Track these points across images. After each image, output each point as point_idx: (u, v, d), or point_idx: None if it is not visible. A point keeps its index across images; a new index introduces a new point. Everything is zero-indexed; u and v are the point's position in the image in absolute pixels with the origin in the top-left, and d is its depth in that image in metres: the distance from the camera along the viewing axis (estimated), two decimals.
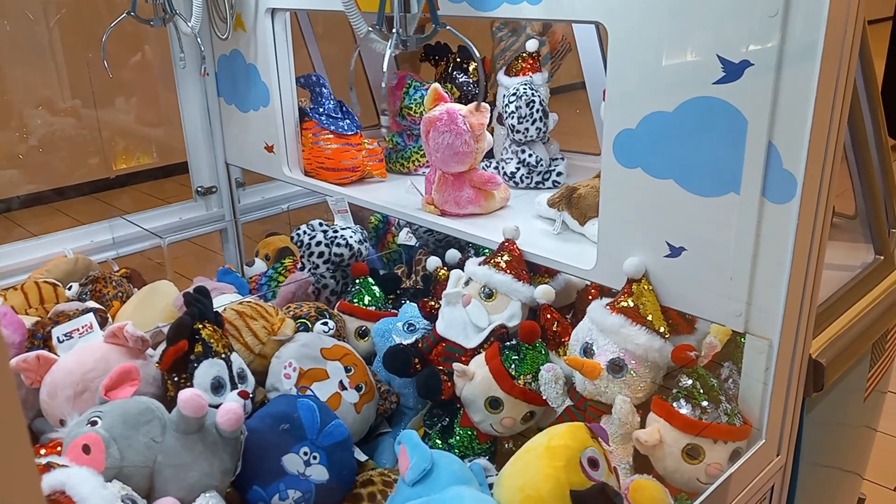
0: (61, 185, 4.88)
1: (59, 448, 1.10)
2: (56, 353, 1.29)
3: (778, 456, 1.13)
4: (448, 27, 1.41)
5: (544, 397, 1.27)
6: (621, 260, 1.25)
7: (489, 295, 1.40)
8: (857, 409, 1.49)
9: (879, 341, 1.40)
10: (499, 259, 1.41)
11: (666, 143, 1.15)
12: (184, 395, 1.06)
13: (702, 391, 1.12)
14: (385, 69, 1.42)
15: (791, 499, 1.19)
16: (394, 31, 1.38)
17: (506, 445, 1.36)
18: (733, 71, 1.05)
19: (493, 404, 1.29)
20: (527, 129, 1.80)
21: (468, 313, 1.42)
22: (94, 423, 1.05)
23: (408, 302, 1.61)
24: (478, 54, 1.55)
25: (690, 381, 1.13)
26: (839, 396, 1.33)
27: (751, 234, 1.09)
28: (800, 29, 0.98)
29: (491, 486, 1.17)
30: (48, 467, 0.93)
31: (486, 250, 1.72)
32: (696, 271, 1.17)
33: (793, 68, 0.99)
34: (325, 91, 1.93)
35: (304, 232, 1.70)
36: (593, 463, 1.04)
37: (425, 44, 1.63)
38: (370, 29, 1.43)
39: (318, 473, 1.16)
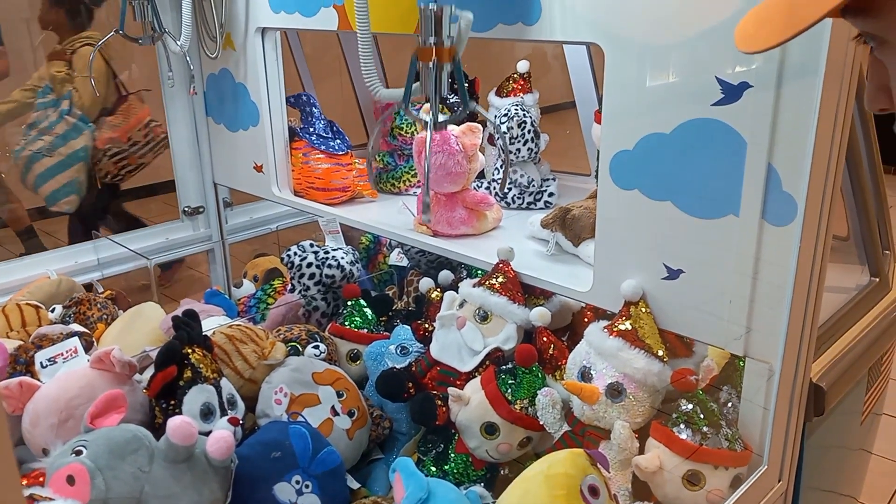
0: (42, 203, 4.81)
1: (41, 479, 1.06)
2: (39, 379, 1.25)
3: (780, 482, 1.11)
4: (476, 107, 1.38)
5: (541, 422, 1.25)
6: (618, 282, 1.23)
7: (484, 317, 1.38)
8: (854, 432, 1.48)
9: (876, 364, 1.39)
10: (494, 281, 1.39)
11: (663, 164, 1.14)
12: (173, 422, 1.03)
13: (702, 416, 1.10)
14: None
15: None
16: (430, 118, 1.30)
17: (502, 472, 1.33)
18: (732, 92, 1.04)
19: (489, 430, 1.27)
20: (518, 149, 1.79)
21: (463, 336, 1.40)
22: (78, 453, 1.01)
23: (400, 324, 1.58)
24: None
25: (690, 406, 1.11)
26: (837, 420, 1.31)
27: (750, 257, 1.08)
28: (799, 49, 0.97)
29: None
30: (31, 500, 0.90)
31: (479, 271, 1.70)
32: (695, 294, 1.16)
33: (793, 89, 0.99)
34: (315, 111, 1.91)
35: (295, 253, 1.67)
36: (594, 491, 1.02)
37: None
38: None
39: (311, 502, 1.13)
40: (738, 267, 1.10)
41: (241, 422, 1.22)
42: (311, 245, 1.69)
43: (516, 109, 1.79)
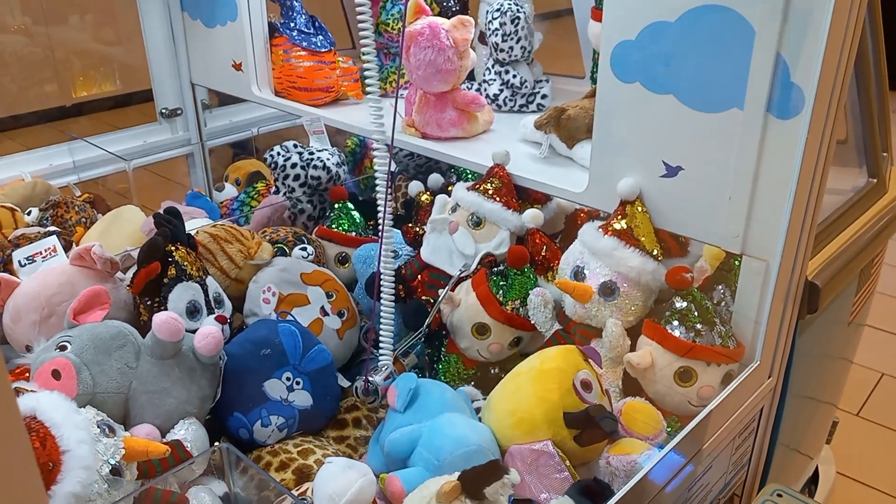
0: (13, 112, 4.62)
1: (26, 375, 1.04)
2: (18, 278, 1.21)
3: (769, 378, 1.12)
4: None
5: (532, 322, 1.24)
6: (614, 181, 1.20)
7: (478, 223, 1.35)
8: (840, 337, 1.49)
9: (867, 267, 1.39)
10: (488, 186, 1.35)
11: (666, 55, 1.09)
12: (159, 318, 1.00)
13: (696, 313, 1.09)
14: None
15: (777, 421, 1.19)
16: None
17: (491, 371, 1.33)
18: None
19: (480, 330, 1.26)
20: (511, 47, 1.72)
21: (455, 241, 1.37)
22: (63, 348, 0.99)
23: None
24: None
25: (685, 304, 1.10)
26: (827, 320, 1.32)
27: (753, 152, 1.05)
28: None
29: (478, 411, 1.15)
30: (16, 393, 0.88)
31: (469, 174, 1.67)
32: (693, 191, 1.13)
33: None
34: (296, 4, 1.81)
35: (279, 153, 1.61)
36: (586, 385, 1.02)
37: None
38: None
39: (302, 399, 1.12)
40: (739, 163, 1.07)
41: (228, 320, 1.20)
42: (296, 145, 1.64)
43: (509, 4, 1.71)
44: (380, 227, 1.22)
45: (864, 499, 2.04)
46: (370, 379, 1.16)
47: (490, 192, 1.34)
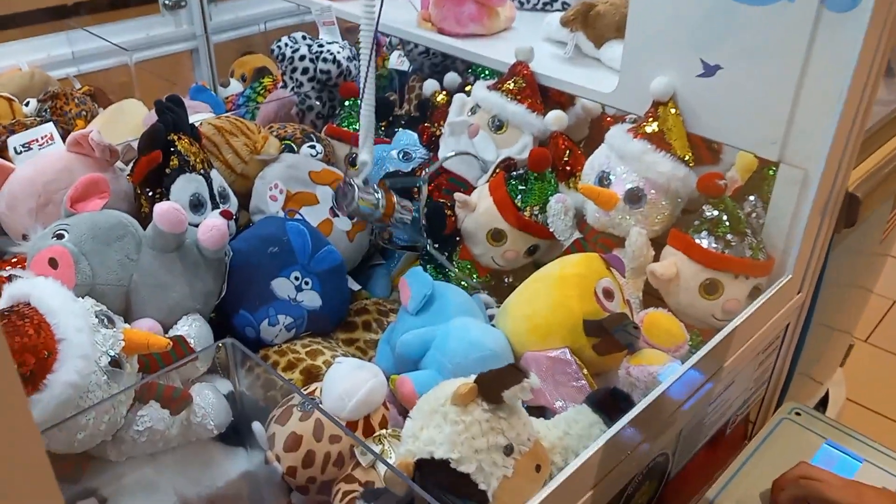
0: (11, 10, 4.46)
1: (22, 264, 0.99)
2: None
3: (799, 293, 1.07)
4: None
5: (551, 230, 1.19)
6: (646, 81, 1.12)
7: (499, 126, 1.27)
8: (870, 256, 1.43)
9: None
10: (511, 85, 1.26)
11: None
12: (161, 208, 0.95)
13: (727, 223, 1.03)
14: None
15: (803, 336, 1.15)
16: None
17: (505, 280, 1.28)
18: None
19: (496, 237, 1.20)
20: None
21: (475, 145, 1.30)
22: (60, 237, 0.94)
23: (402, 129, 1.48)
24: None
25: (716, 213, 1.04)
26: (860, 236, 1.26)
27: (801, 51, 0.97)
28: None
29: (491, 318, 1.11)
30: (9, 279, 0.83)
31: (486, 73, 1.58)
32: (731, 93, 1.05)
33: None
34: None
35: (286, 44, 1.52)
36: (608, 294, 0.97)
37: None
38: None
39: (311, 299, 1.08)
40: (785, 62, 0.98)
41: (234, 216, 1.15)
42: (304, 37, 1.54)
43: None
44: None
45: (871, 423, 2.04)
46: (350, 181, 1.07)
47: (513, 91, 1.26)
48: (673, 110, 1.11)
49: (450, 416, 0.71)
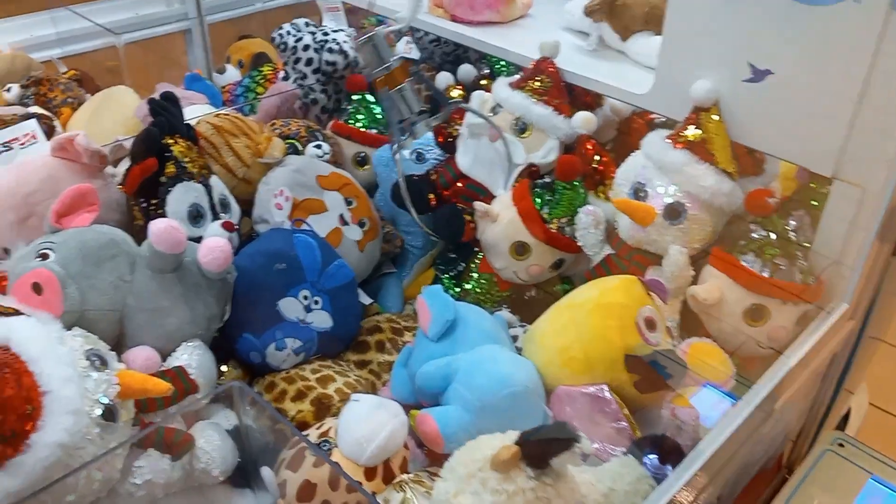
0: None
1: (3, 283, 0.90)
2: None
3: (851, 321, 0.99)
4: None
5: (580, 244, 1.10)
6: (686, 84, 1.02)
7: (523, 129, 1.18)
8: None
9: None
10: (537, 85, 1.17)
11: None
12: (156, 227, 0.85)
13: (777, 245, 0.95)
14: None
15: (847, 366, 1.08)
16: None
17: (527, 295, 1.20)
18: None
19: (520, 250, 1.11)
20: None
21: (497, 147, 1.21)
22: (44, 257, 0.85)
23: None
24: None
25: (765, 233, 0.96)
26: None
27: (866, 55, 0.88)
28: None
29: (514, 339, 1.02)
30: None
31: (501, 64, 1.48)
32: (782, 101, 0.96)
33: None
34: None
35: (288, 32, 1.41)
36: (650, 324, 0.89)
37: None
38: None
39: (321, 320, 0.99)
40: (847, 68, 0.89)
41: (236, 227, 1.06)
42: (308, 24, 1.43)
43: None
44: None
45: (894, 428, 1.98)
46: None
47: (539, 91, 1.16)
48: (715, 117, 1.02)
49: (489, 483, 0.63)
